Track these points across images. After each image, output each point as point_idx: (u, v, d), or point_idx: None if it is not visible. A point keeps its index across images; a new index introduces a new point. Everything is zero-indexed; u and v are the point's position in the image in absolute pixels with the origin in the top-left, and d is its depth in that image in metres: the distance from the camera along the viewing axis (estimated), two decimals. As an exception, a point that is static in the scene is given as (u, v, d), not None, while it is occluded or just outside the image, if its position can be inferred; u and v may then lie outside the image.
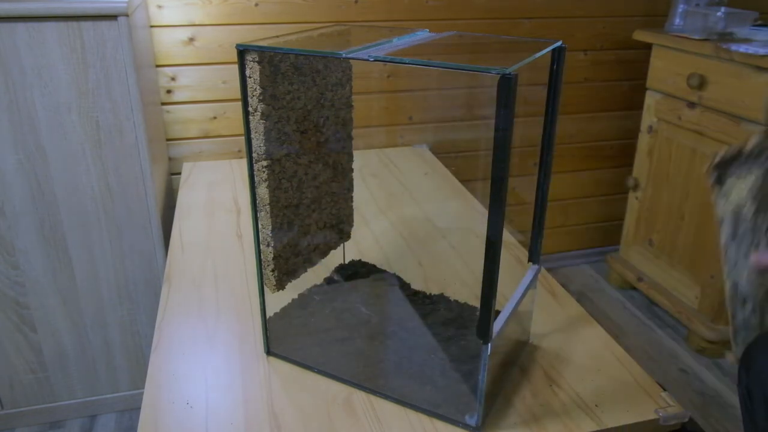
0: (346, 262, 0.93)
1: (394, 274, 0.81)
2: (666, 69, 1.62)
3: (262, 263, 0.73)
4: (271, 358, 0.78)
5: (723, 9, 1.53)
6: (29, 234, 1.20)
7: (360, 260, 0.93)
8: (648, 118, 1.72)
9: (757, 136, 0.78)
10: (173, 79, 1.51)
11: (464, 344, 0.73)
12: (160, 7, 1.44)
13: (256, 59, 0.62)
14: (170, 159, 1.58)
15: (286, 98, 0.67)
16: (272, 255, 0.72)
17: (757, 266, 0.76)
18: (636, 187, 1.80)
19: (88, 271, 1.26)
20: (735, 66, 1.41)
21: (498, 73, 0.48)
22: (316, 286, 0.87)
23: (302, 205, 0.75)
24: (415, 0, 1.61)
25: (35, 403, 1.36)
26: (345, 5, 1.56)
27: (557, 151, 1.92)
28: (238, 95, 0.64)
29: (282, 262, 0.74)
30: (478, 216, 1.25)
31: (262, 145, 0.66)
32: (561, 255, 2.07)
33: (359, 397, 0.71)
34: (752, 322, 0.83)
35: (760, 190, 0.78)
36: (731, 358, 0.82)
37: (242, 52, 0.62)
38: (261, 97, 0.63)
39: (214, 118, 1.58)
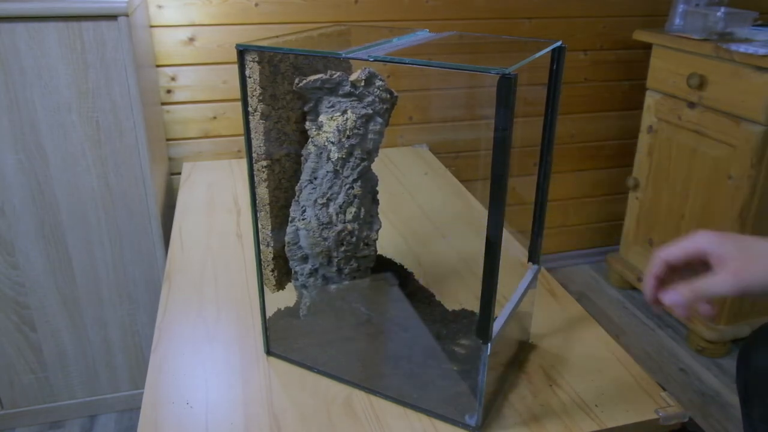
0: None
1: (403, 267, 0.81)
2: (666, 69, 1.62)
3: (262, 263, 0.73)
4: (271, 358, 0.78)
5: (723, 9, 1.53)
6: (29, 234, 1.20)
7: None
8: (648, 118, 1.72)
9: (364, 71, 0.65)
10: (173, 79, 1.51)
11: (464, 344, 0.73)
12: (160, 7, 1.44)
13: (256, 59, 0.62)
14: (170, 159, 1.58)
15: (286, 98, 0.67)
16: (272, 255, 0.72)
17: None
18: (636, 187, 1.80)
19: (88, 271, 1.26)
20: (735, 66, 1.41)
21: (498, 73, 0.48)
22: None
23: (302, 205, 0.75)
24: (415, 0, 1.61)
25: (35, 403, 1.36)
26: (345, 5, 1.56)
27: (557, 151, 1.92)
28: (238, 95, 0.64)
29: (282, 262, 0.74)
30: (478, 216, 1.25)
31: (261, 145, 0.66)
32: (561, 255, 2.07)
33: (359, 397, 0.71)
34: (313, 291, 0.72)
35: (351, 137, 0.66)
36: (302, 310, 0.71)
37: (242, 52, 0.62)
38: (261, 97, 0.63)
39: (214, 118, 1.58)
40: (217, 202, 1.29)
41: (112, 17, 1.08)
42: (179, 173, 1.49)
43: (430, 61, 0.54)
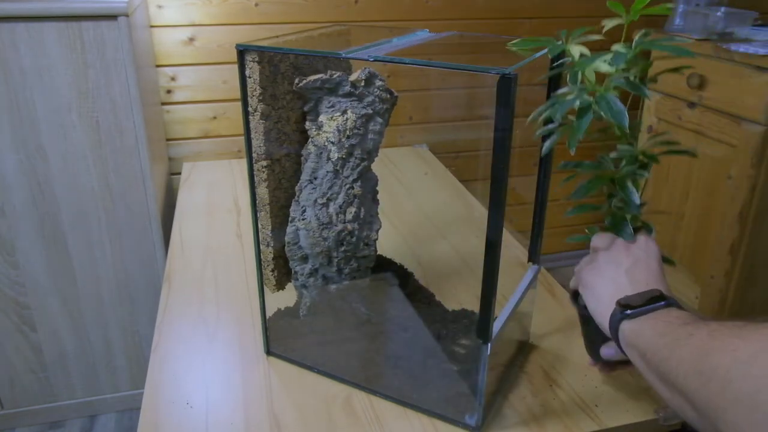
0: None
1: (403, 267, 0.81)
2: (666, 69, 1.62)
3: (262, 263, 0.73)
4: (271, 358, 0.78)
5: (723, 9, 1.53)
6: (29, 234, 1.20)
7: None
8: (648, 118, 1.72)
9: (364, 71, 0.65)
10: (173, 79, 1.51)
11: (464, 344, 0.73)
12: (160, 7, 1.44)
13: (256, 59, 0.62)
14: (170, 159, 1.58)
15: (286, 98, 0.67)
16: (272, 255, 0.72)
17: None
18: (636, 187, 1.80)
19: (88, 271, 1.26)
20: (735, 66, 1.41)
21: (498, 73, 0.48)
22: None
23: (302, 205, 0.75)
24: (415, 0, 1.61)
25: (35, 403, 1.36)
26: (345, 5, 1.56)
27: (557, 151, 1.91)
28: (238, 95, 0.64)
29: (282, 262, 0.74)
30: (478, 216, 1.25)
31: (262, 145, 0.66)
32: (561, 255, 2.06)
33: (359, 397, 0.71)
34: (313, 291, 0.72)
35: (351, 137, 0.66)
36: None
37: (242, 52, 0.62)
38: (261, 97, 0.63)
39: (214, 118, 1.58)
40: (217, 202, 1.29)
41: (112, 17, 1.08)
42: (179, 173, 1.49)
43: (430, 61, 0.54)
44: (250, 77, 0.63)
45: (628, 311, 0.54)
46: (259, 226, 0.71)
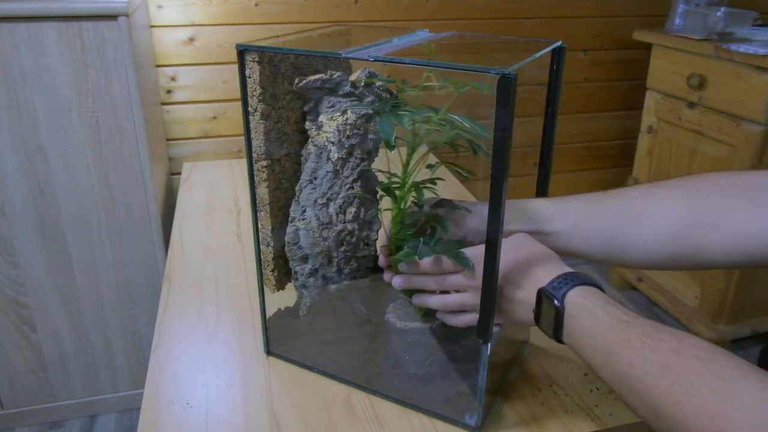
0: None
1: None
2: (666, 69, 1.62)
3: (262, 263, 0.73)
4: (271, 358, 0.78)
5: (723, 9, 1.54)
6: (29, 234, 1.20)
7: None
8: (648, 118, 1.72)
9: (363, 71, 0.66)
10: (173, 79, 1.51)
11: (464, 344, 0.73)
12: (160, 7, 1.44)
13: (256, 59, 0.62)
14: (170, 159, 1.58)
15: (286, 98, 0.67)
16: (272, 255, 0.72)
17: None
18: (636, 187, 1.80)
19: (88, 271, 1.26)
20: (735, 66, 1.41)
21: (498, 73, 0.48)
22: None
23: (302, 205, 0.75)
24: (415, 0, 1.61)
25: (35, 403, 1.36)
26: (345, 5, 1.56)
27: (557, 151, 1.92)
28: (238, 95, 0.64)
29: (282, 262, 0.74)
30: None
31: (261, 145, 0.66)
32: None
33: (359, 397, 0.71)
34: (313, 291, 0.73)
35: (351, 137, 0.67)
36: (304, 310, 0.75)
37: (242, 52, 0.62)
38: (261, 97, 0.63)
39: (214, 118, 1.58)
40: (217, 202, 1.29)
41: (112, 17, 1.08)
42: (179, 173, 1.49)
43: (430, 61, 0.54)
44: (250, 77, 0.63)
45: (555, 287, 0.56)
46: (259, 226, 0.71)
